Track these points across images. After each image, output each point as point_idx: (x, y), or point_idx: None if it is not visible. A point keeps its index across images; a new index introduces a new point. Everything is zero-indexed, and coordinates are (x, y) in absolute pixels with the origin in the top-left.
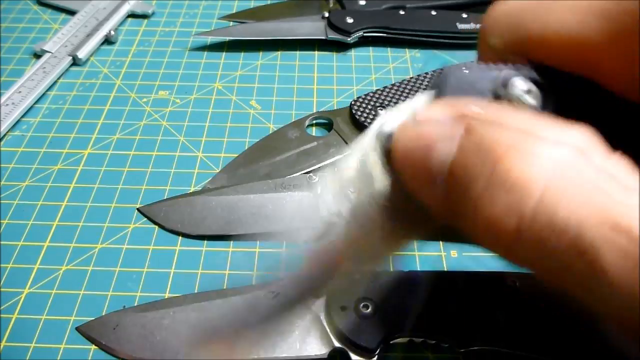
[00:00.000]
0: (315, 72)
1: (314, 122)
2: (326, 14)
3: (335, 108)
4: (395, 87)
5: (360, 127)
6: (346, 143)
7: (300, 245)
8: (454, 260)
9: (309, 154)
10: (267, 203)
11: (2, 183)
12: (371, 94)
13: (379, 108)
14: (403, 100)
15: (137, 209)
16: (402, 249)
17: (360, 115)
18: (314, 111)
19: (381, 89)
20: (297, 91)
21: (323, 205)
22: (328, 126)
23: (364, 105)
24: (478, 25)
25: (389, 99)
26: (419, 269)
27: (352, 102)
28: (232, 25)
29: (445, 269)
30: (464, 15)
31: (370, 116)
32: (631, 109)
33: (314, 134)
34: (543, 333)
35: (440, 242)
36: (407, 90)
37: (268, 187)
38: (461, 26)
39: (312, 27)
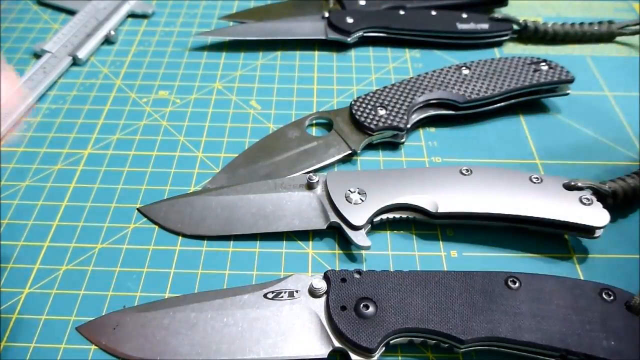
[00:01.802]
0: (315, 72)
1: (314, 122)
2: (326, 14)
3: (335, 108)
4: (395, 87)
5: (360, 127)
6: (346, 143)
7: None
8: (454, 260)
9: (309, 154)
10: (267, 203)
11: (2, 183)
12: (371, 94)
13: (379, 108)
14: (403, 100)
15: (137, 209)
16: None
17: (360, 115)
18: (314, 111)
19: (381, 89)
20: (297, 91)
21: None
22: (328, 126)
23: (364, 105)
24: (478, 26)
25: (388, 99)
26: (419, 269)
27: (352, 102)
28: (232, 25)
29: (445, 269)
30: (464, 16)
31: (370, 116)
32: None
33: (314, 134)
34: (543, 333)
35: (440, 242)
36: (406, 90)
37: (268, 187)
38: (461, 26)
39: (312, 27)
